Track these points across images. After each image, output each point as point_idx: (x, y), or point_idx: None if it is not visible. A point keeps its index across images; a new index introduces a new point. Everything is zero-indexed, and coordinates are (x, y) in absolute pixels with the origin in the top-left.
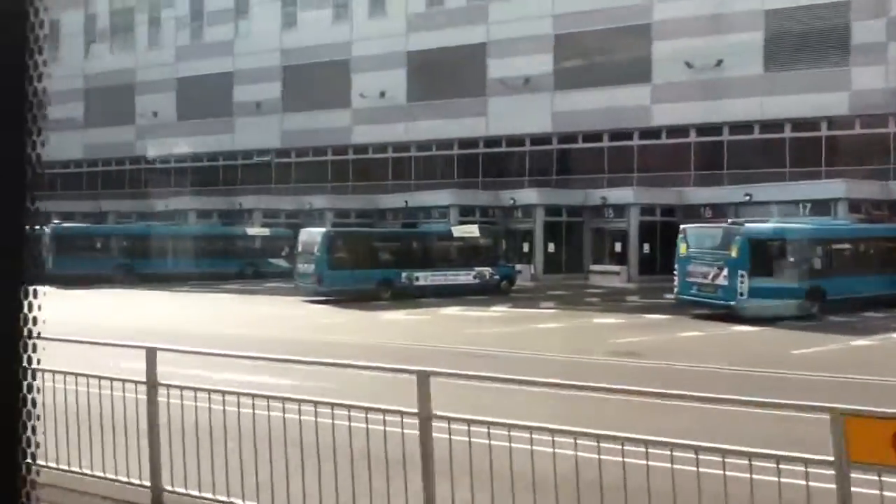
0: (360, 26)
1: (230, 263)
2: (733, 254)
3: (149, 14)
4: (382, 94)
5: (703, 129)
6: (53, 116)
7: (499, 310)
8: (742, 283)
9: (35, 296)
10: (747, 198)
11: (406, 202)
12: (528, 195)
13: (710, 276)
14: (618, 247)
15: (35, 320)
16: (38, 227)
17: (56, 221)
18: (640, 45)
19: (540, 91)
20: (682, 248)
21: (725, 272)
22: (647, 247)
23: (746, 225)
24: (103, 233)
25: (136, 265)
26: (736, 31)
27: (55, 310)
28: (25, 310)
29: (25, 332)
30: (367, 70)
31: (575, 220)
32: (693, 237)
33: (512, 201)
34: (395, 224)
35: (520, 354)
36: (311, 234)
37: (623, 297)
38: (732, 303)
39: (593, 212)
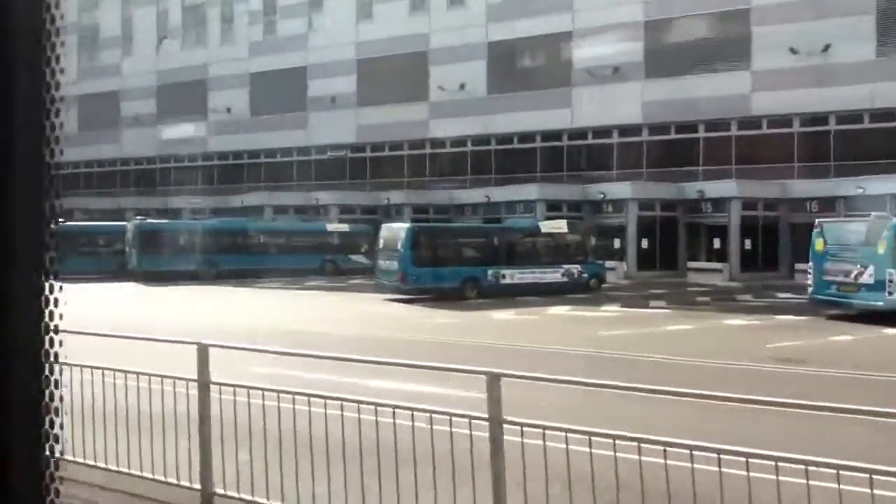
0: (438, 17)
1: (311, 259)
2: (880, 250)
3: (221, 9)
4: (462, 87)
5: (808, 119)
6: (127, 114)
7: (610, 310)
8: (892, 281)
9: (58, 290)
10: (860, 190)
11: (488, 197)
12: (619, 189)
13: (853, 275)
14: (716, 243)
15: (56, 314)
16: (58, 222)
17: (139, 217)
18: (738, 31)
19: (629, 80)
20: (818, 244)
21: (871, 270)
22: (748, 243)
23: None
24: (188, 229)
25: (221, 261)
26: (844, 14)
27: (162, 308)
28: (49, 304)
29: (46, 325)
30: (445, 62)
31: (668, 214)
32: (832, 232)
33: (602, 195)
34: (474, 220)
35: (666, 360)
36: (394, 230)
37: (732, 297)
38: (880, 303)
39: (688, 206)
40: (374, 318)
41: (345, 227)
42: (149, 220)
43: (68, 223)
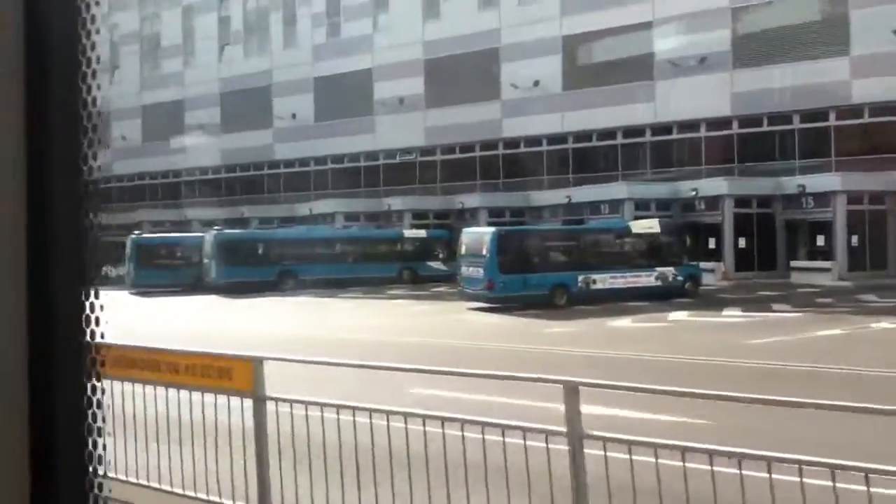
0: (508, 12)
1: (388, 267)
2: None
3: (283, 13)
4: (536, 84)
5: None
6: (191, 123)
7: (733, 315)
8: None
9: (99, 305)
10: None
11: (568, 198)
12: (714, 185)
13: None
14: (819, 240)
15: (98, 330)
16: (98, 235)
17: (217, 228)
18: (834, 13)
19: (716, 71)
20: None
21: None
22: (854, 239)
23: None
24: (266, 238)
25: (299, 270)
26: None
27: (268, 321)
28: (91, 319)
29: (88, 341)
30: (518, 59)
31: (765, 211)
32: None
33: (693, 192)
34: (553, 222)
35: (863, 372)
36: (478, 235)
37: (853, 297)
38: None
39: (787, 202)
40: (482, 329)
41: (422, 234)
42: (226, 231)
43: (145, 235)
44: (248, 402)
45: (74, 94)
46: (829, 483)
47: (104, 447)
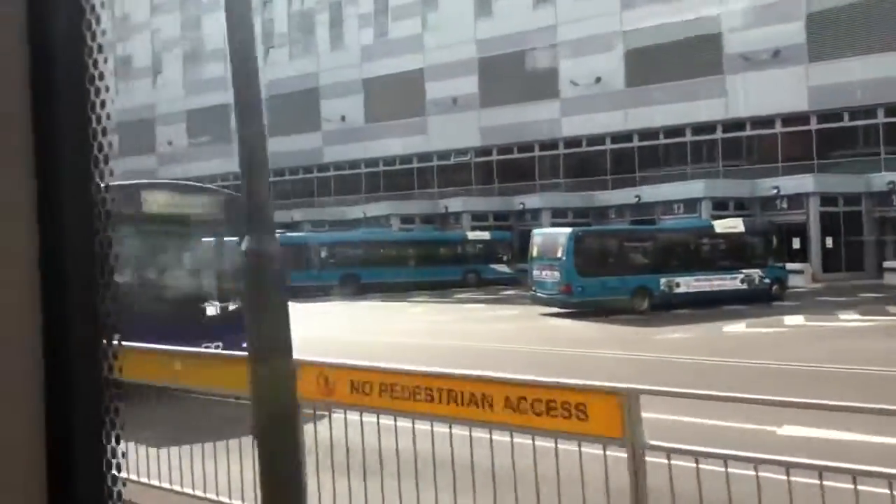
0: (565, 8)
1: (452, 270)
2: None
3: (329, 14)
4: (598, 80)
5: None
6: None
7: (851, 318)
8: None
9: (114, 311)
10: None
11: (638, 197)
12: (798, 183)
13: None
14: None
15: (113, 336)
16: (110, 241)
17: (279, 231)
18: None
19: (791, 64)
20: None
21: None
22: None
23: None
24: (328, 241)
25: (362, 274)
26: None
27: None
28: (105, 326)
29: (104, 347)
30: (576, 55)
31: (852, 209)
32: None
33: (775, 190)
34: (619, 223)
35: None
36: (552, 236)
37: None
38: None
39: (876, 199)
40: (583, 336)
41: (485, 236)
42: (287, 234)
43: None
44: (614, 452)
45: (83, 97)
46: None
47: (123, 452)
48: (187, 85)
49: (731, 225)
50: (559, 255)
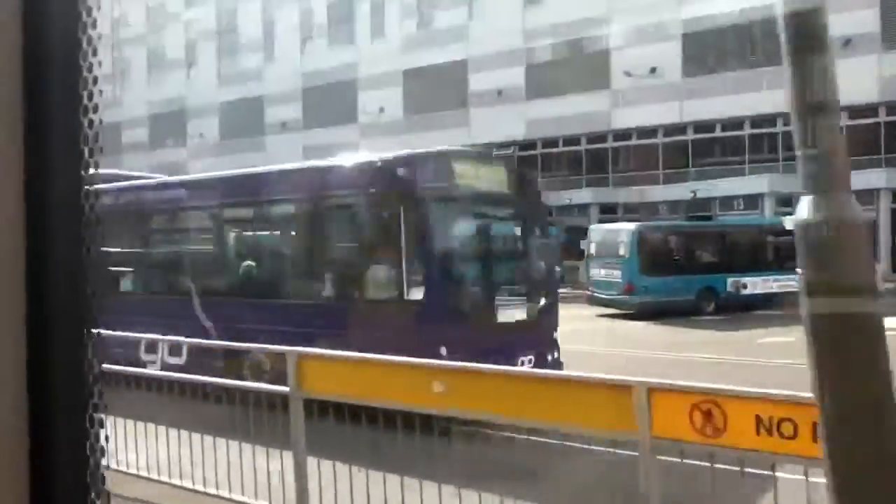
0: None
1: None
2: None
3: (370, 3)
4: (652, 71)
5: None
6: (271, 120)
7: None
8: None
9: (99, 320)
10: None
11: (694, 192)
12: (865, 178)
13: None
14: None
15: (98, 349)
16: (98, 250)
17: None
18: None
19: (861, 53)
20: None
21: None
22: None
23: None
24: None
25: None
26: None
27: None
28: (91, 337)
29: (90, 360)
30: (629, 46)
31: None
32: None
33: None
34: (671, 219)
35: None
36: (611, 233)
37: None
38: None
39: None
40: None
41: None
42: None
43: None
44: None
45: (75, 101)
46: None
47: (106, 439)
48: (221, 78)
49: None
50: (620, 252)
